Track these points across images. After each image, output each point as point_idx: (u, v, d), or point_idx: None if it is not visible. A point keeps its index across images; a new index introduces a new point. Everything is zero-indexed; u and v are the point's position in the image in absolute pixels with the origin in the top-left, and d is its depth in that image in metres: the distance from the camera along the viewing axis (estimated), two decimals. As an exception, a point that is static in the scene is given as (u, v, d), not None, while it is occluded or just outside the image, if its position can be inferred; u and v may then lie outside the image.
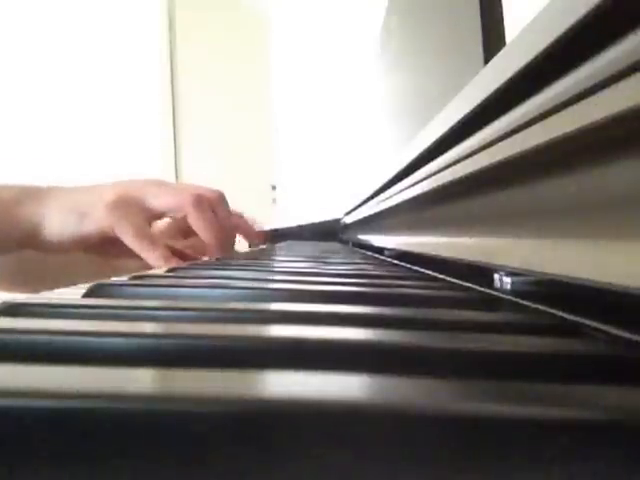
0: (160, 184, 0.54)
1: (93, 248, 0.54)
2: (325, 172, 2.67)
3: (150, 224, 0.54)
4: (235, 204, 0.68)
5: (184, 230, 0.62)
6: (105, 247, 0.55)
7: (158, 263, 0.50)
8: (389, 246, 0.61)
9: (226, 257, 0.54)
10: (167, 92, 2.58)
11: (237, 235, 0.71)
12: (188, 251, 0.58)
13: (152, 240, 0.50)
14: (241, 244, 0.74)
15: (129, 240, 0.49)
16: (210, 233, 0.53)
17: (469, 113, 0.26)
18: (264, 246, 0.90)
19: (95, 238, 0.51)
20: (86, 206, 0.50)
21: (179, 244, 0.60)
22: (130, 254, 0.53)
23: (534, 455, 0.08)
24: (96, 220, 0.49)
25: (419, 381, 0.10)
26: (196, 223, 0.53)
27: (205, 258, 0.57)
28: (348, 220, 1.23)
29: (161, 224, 0.63)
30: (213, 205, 0.55)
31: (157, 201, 0.52)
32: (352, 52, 2.24)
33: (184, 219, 0.54)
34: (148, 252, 0.50)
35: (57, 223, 0.49)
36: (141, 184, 0.53)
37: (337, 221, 1.48)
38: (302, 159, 2.92)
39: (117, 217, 0.49)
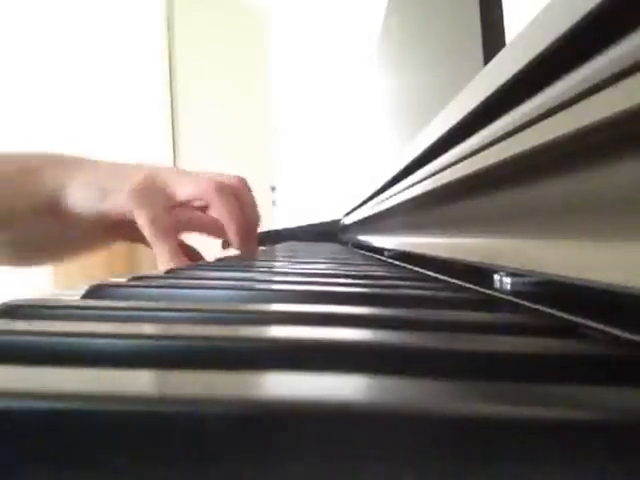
0: (182, 172, 0.53)
1: (108, 227, 0.53)
2: (325, 173, 2.68)
3: (170, 212, 0.52)
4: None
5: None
6: (120, 229, 0.54)
7: (164, 257, 0.49)
8: (389, 247, 0.61)
9: (225, 258, 0.54)
10: (166, 92, 2.58)
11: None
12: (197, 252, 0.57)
13: (166, 232, 0.49)
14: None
15: (144, 226, 0.49)
16: (235, 222, 0.51)
17: (469, 114, 0.26)
18: (263, 248, 0.89)
19: (112, 218, 0.50)
20: (111, 185, 0.49)
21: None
22: (142, 240, 0.52)
23: (534, 455, 0.08)
24: (118, 201, 0.49)
25: (419, 382, 0.10)
26: (220, 211, 0.51)
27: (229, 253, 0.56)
28: (348, 221, 1.23)
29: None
30: (237, 193, 0.53)
31: (180, 189, 0.51)
32: (352, 52, 2.24)
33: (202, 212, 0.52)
34: (158, 242, 0.49)
35: (79, 195, 0.49)
36: (167, 171, 0.52)
37: (337, 222, 1.48)
38: (302, 160, 2.92)
39: (139, 203, 0.48)
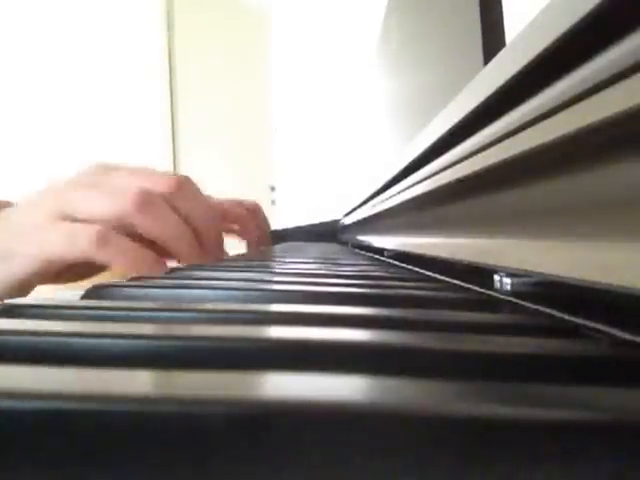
0: (93, 185, 0.42)
1: (50, 280, 0.44)
2: (324, 173, 2.68)
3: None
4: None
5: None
6: (62, 274, 0.45)
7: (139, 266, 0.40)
8: (388, 247, 0.61)
9: (219, 260, 0.54)
10: (166, 92, 2.58)
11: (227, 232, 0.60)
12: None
13: (118, 246, 0.40)
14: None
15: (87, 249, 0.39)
16: (169, 234, 0.42)
17: (469, 114, 0.26)
18: (263, 248, 0.88)
19: (44, 272, 0.41)
20: (15, 248, 0.41)
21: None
22: (88, 271, 0.46)
23: (534, 455, 0.08)
24: (28, 267, 0.40)
25: (419, 382, 0.10)
26: (145, 228, 0.41)
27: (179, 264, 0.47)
28: (347, 221, 1.23)
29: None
30: (168, 198, 0.43)
31: (90, 210, 0.40)
32: (352, 52, 2.24)
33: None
34: (112, 253, 0.39)
35: None
36: (72, 195, 0.41)
37: (336, 222, 1.48)
38: (301, 160, 2.92)
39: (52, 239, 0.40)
